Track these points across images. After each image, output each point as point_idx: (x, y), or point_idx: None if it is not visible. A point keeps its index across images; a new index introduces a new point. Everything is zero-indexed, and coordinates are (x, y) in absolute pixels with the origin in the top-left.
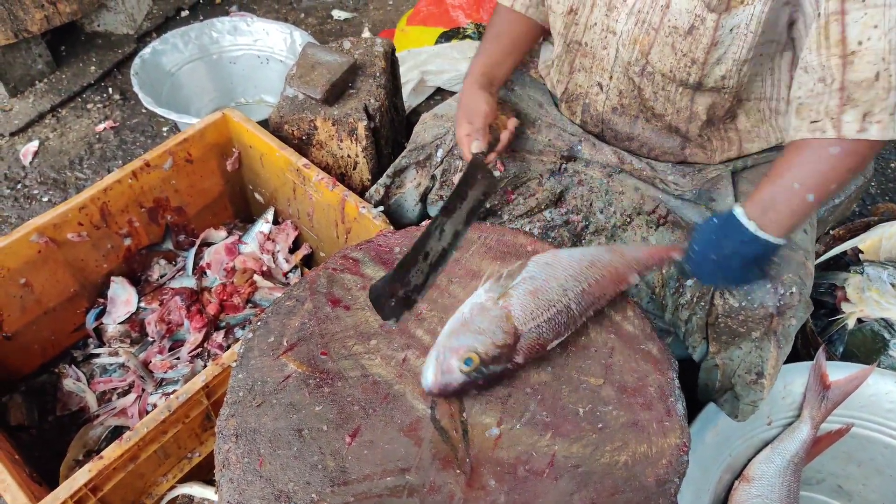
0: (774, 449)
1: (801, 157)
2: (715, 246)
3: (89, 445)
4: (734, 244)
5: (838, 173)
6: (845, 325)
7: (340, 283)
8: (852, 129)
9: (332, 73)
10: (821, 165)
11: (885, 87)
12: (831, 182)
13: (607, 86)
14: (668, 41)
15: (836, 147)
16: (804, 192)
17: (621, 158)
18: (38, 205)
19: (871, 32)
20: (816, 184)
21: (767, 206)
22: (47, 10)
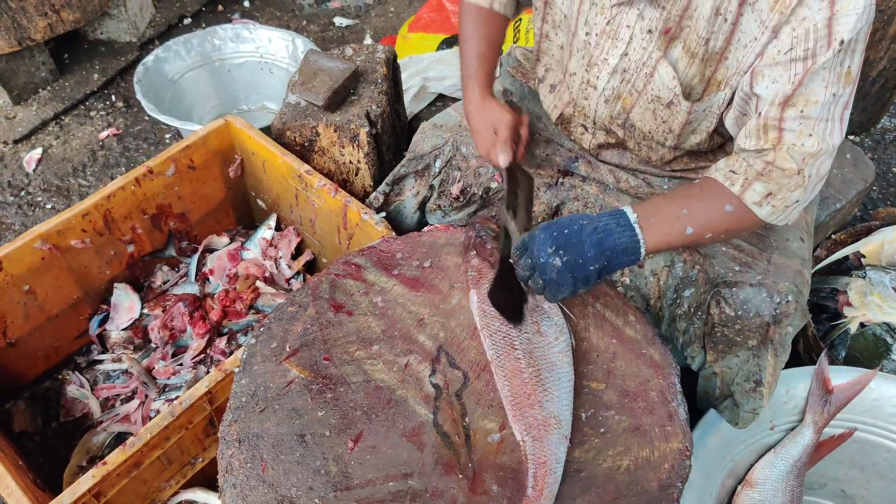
0: (777, 454)
1: (702, 194)
2: (589, 217)
3: (93, 451)
4: (610, 222)
5: (720, 227)
6: (847, 329)
7: (343, 288)
8: (753, 198)
9: (334, 80)
10: (712, 212)
11: (797, 184)
12: (710, 230)
13: (592, 129)
14: (650, 107)
15: (731, 206)
16: (686, 223)
17: (617, 178)
18: (42, 212)
19: (806, 140)
20: (699, 223)
21: (652, 212)
22: (51, 19)
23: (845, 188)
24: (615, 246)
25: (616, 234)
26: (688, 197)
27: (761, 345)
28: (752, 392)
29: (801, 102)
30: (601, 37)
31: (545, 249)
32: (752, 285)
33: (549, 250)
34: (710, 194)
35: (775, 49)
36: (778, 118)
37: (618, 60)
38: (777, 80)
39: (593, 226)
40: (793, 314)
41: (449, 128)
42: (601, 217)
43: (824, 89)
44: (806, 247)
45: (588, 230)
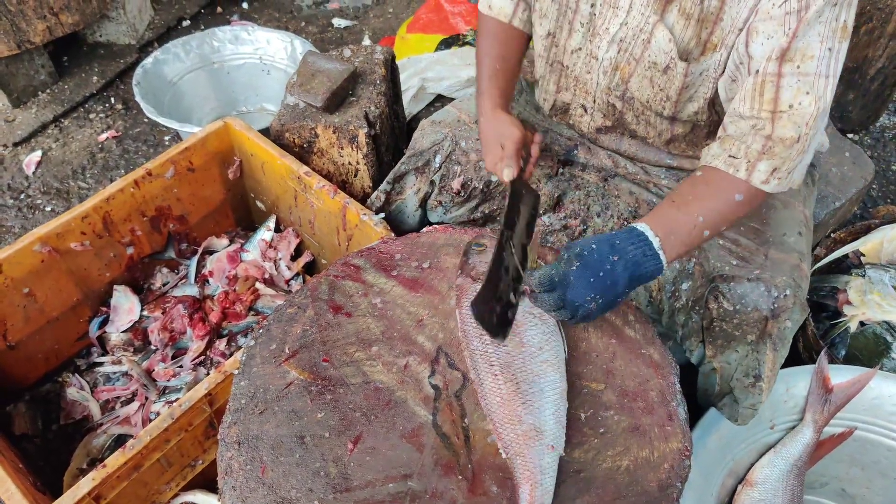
0: (777, 453)
1: (710, 191)
2: (616, 249)
3: (93, 454)
4: (636, 254)
5: (734, 218)
6: (847, 328)
7: (342, 290)
8: (760, 178)
9: (333, 81)
10: (724, 207)
11: (799, 150)
12: (726, 224)
13: (591, 108)
14: (647, 74)
15: (741, 195)
16: (703, 228)
17: (615, 162)
18: (41, 214)
19: (803, 98)
20: (714, 223)
21: (671, 229)
22: (49, 22)
23: (845, 186)
24: (643, 275)
25: (644, 264)
26: (699, 200)
27: (760, 339)
28: (751, 387)
29: (798, 57)
30: (604, 6)
31: (583, 297)
32: (749, 280)
33: (588, 298)
34: (718, 189)
35: (769, 3)
36: (776, 73)
37: (617, 29)
38: (771, 35)
39: (623, 261)
40: (791, 308)
41: (448, 123)
42: (626, 248)
43: (820, 43)
44: (804, 241)
45: (619, 268)
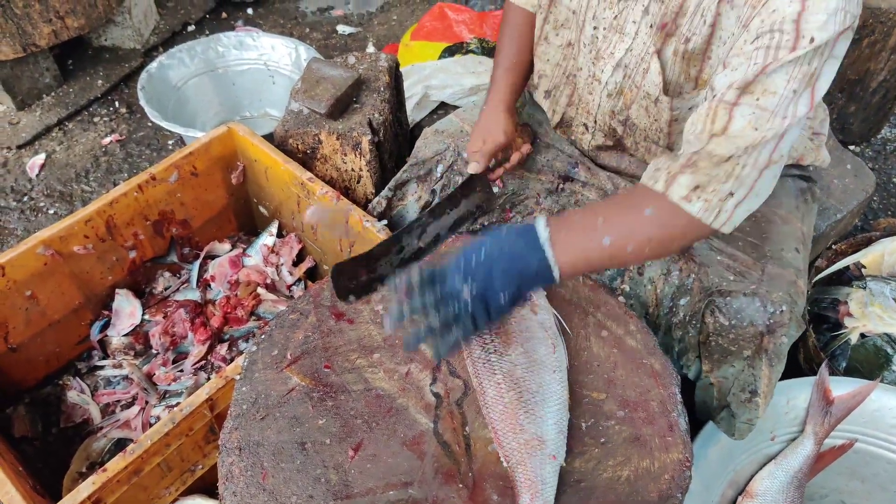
0: (778, 464)
1: (623, 200)
2: (502, 241)
3: (93, 457)
4: (520, 246)
5: (641, 234)
6: (848, 340)
7: None
8: (679, 192)
9: (337, 88)
10: (631, 217)
11: (727, 172)
12: (631, 240)
13: (592, 128)
14: (643, 104)
15: (652, 209)
16: (603, 233)
17: (615, 184)
18: (45, 217)
19: (749, 131)
20: (618, 232)
21: (565, 225)
22: (55, 25)
23: (846, 198)
24: (525, 268)
25: (526, 256)
26: (606, 205)
27: (756, 355)
28: (747, 402)
29: (759, 90)
30: (608, 31)
31: (454, 284)
32: (745, 294)
33: (458, 284)
34: (631, 199)
35: (742, 40)
36: (733, 102)
37: (622, 55)
38: (737, 67)
39: (499, 248)
40: (787, 324)
41: (450, 133)
42: (509, 238)
43: (786, 83)
44: (801, 257)
45: (495, 255)
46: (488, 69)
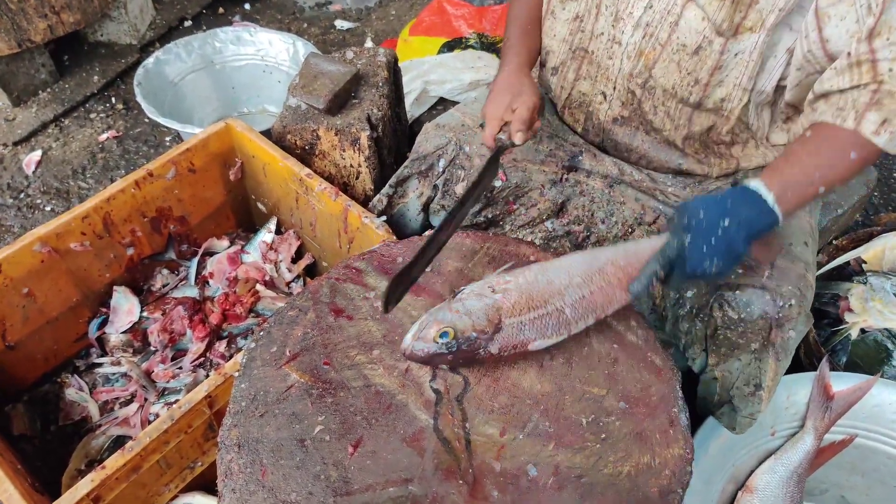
0: (778, 459)
1: (825, 146)
2: (727, 212)
3: (91, 455)
4: (750, 213)
5: (850, 175)
6: (849, 335)
7: (343, 292)
8: (870, 128)
9: (335, 83)
10: (839, 164)
11: None
12: (841, 181)
13: (611, 95)
14: (675, 58)
15: (856, 152)
16: (819, 184)
17: (621, 170)
18: (41, 214)
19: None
20: (830, 180)
21: (786, 186)
22: (50, 20)
23: (847, 193)
24: (760, 231)
25: (759, 222)
26: (812, 155)
27: (763, 348)
28: (750, 396)
29: (886, 30)
30: None
31: (701, 265)
32: (754, 288)
33: (706, 263)
34: (831, 145)
35: None
36: (868, 51)
37: (642, 13)
38: (845, 16)
39: (736, 222)
40: (796, 318)
41: (452, 127)
42: (738, 210)
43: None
44: (810, 251)
45: (733, 230)
46: (488, 64)
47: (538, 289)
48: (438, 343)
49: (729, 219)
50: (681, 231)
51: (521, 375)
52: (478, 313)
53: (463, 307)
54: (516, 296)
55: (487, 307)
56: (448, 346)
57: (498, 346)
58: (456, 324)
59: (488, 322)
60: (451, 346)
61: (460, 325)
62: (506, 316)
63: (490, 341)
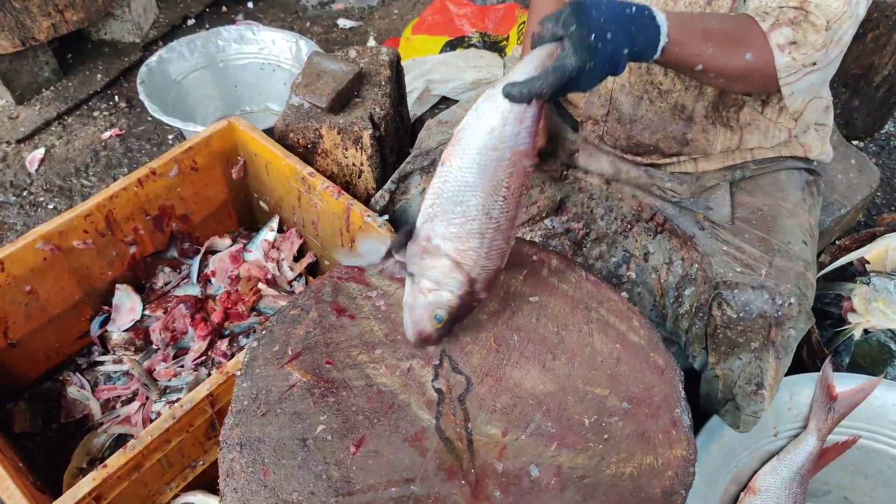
0: (781, 460)
1: (733, 30)
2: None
3: (93, 453)
4: (633, 12)
5: (729, 66)
6: (852, 335)
7: (345, 291)
8: (777, 40)
9: (338, 82)
10: (733, 51)
11: (822, 42)
12: (721, 64)
13: None
14: (688, 10)
15: (751, 55)
16: (707, 47)
17: (617, 168)
18: (44, 212)
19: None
20: (717, 56)
21: (681, 21)
22: (54, 19)
23: (850, 194)
24: (638, 34)
25: (644, 25)
26: (720, 26)
27: (763, 347)
28: (753, 395)
29: None
30: None
31: (592, 19)
32: (753, 287)
33: (601, 20)
34: (740, 31)
35: None
36: None
37: None
38: None
39: (622, 11)
40: (796, 317)
41: (454, 124)
42: (628, 6)
43: None
44: (809, 250)
45: (621, 16)
46: (490, 63)
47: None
48: (439, 328)
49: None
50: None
51: (524, 376)
52: (446, 279)
53: (430, 282)
54: (455, 240)
55: (448, 268)
56: (448, 324)
57: (483, 289)
58: (441, 302)
59: (460, 283)
60: (449, 321)
61: (444, 300)
62: (468, 267)
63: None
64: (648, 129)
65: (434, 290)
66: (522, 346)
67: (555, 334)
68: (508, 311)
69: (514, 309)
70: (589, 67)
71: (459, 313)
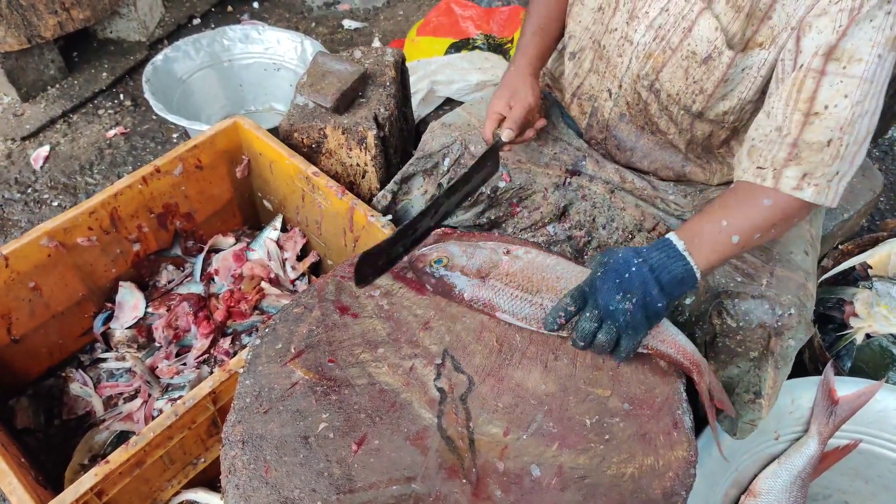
0: (781, 464)
1: (737, 199)
2: (641, 253)
3: (95, 450)
4: (661, 257)
5: (765, 224)
6: (853, 340)
7: (349, 290)
8: (789, 184)
9: (343, 83)
10: (751, 212)
11: (832, 155)
12: (757, 230)
13: (616, 94)
14: (683, 65)
15: (769, 200)
16: (730, 232)
17: (623, 177)
18: (49, 209)
19: (840, 101)
20: (743, 228)
21: (695, 234)
22: (61, 17)
23: (853, 198)
24: (673, 279)
25: (670, 266)
26: (724, 207)
27: (762, 357)
28: (750, 403)
29: (846, 58)
30: None
31: (612, 297)
32: (753, 297)
33: (618, 297)
34: (745, 196)
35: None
36: (819, 70)
37: (657, 14)
38: (822, 30)
39: (648, 264)
40: (795, 327)
41: (458, 126)
42: (651, 253)
43: (871, 48)
44: (810, 260)
45: (645, 269)
46: (495, 65)
47: (539, 277)
48: (433, 266)
49: (642, 259)
50: (597, 268)
51: (526, 376)
52: (475, 261)
53: (471, 249)
54: (519, 268)
55: (487, 260)
56: (435, 272)
57: (471, 294)
58: (453, 259)
59: (478, 272)
60: (436, 273)
61: (455, 262)
62: (495, 276)
63: (470, 286)
64: (647, 157)
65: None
66: (524, 347)
67: (557, 335)
68: None
69: None
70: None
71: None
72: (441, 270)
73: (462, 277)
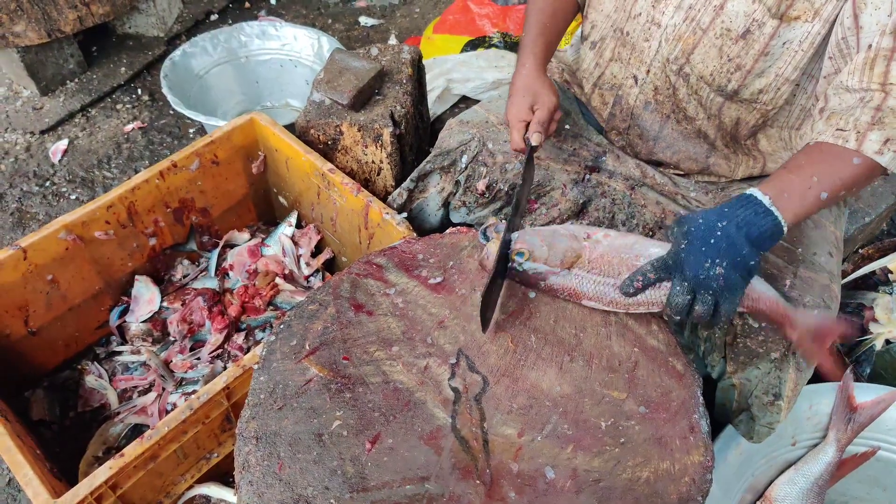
0: (798, 470)
1: (825, 156)
2: (724, 215)
3: (109, 442)
4: (747, 214)
5: (853, 182)
6: (873, 346)
7: (364, 288)
8: (872, 147)
9: (360, 80)
10: (841, 169)
11: None
12: (844, 188)
13: (643, 80)
14: (717, 43)
15: (859, 159)
16: (819, 189)
17: (644, 172)
18: (66, 202)
19: None
20: (832, 184)
21: (783, 189)
22: (80, 11)
23: (875, 202)
24: (762, 234)
25: (757, 222)
26: (811, 163)
27: (784, 358)
28: (769, 405)
29: None
30: None
31: (701, 266)
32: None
33: (707, 264)
34: (832, 154)
35: None
36: (890, 48)
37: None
38: (880, 6)
39: (734, 223)
40: None
41: (475, 124)
42: (735, 211)
43: None
44: (835, 261)
45: (732, 229)
46: (510, 63)
47: (619, 259)
48: (515, 260)
49: (727, 220)
50: (680, 238)
51: (541, 377)
52: (557, 251)
53: (551, 238)
54: (599, 253)
55: (569, 249)
56: (518, 266)
57: (556, 284)
58: (534, 250)
59: (561, 263)
60: (519, 266)
61: (538, 252)
62: (580, 265)
63: (548, 277)
64: (671, 148)
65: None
66: (540, 348)
67: (572, 336)
68: (526, 312)
69: (532, 310)
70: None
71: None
72: (526, 264)
73: (546, 268)
